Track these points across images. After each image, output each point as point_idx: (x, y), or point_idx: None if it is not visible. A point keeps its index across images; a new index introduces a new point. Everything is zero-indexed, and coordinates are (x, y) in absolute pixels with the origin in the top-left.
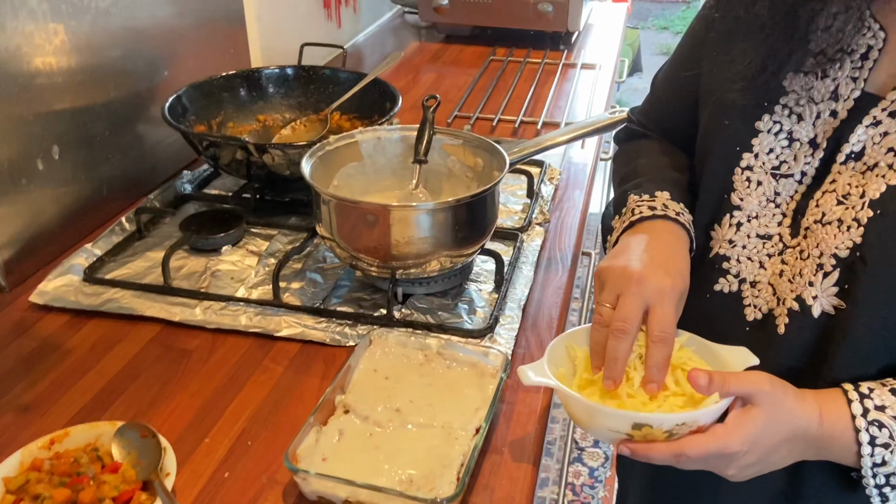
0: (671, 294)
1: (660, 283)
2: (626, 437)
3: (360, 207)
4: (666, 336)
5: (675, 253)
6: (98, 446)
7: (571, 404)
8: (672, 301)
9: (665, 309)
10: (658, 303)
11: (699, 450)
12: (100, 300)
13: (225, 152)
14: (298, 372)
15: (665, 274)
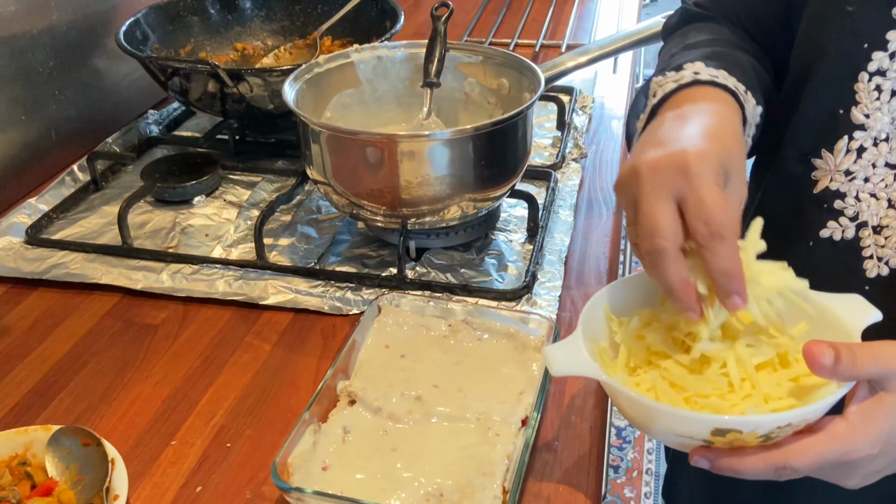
0: (703, 164)
1: (679, 159)
2: (703, 444)
3: (360, 140)
4: (715, 227)
5: (708, 115)
6: (28, 458)
7: (623, 401)
8: (708, 174)
9: (700, 191)
10: (687, 186)
11: (811, 458)
12: (44, 266)
13: (194, 83)
14: (290, 350)
15: (689, 142)
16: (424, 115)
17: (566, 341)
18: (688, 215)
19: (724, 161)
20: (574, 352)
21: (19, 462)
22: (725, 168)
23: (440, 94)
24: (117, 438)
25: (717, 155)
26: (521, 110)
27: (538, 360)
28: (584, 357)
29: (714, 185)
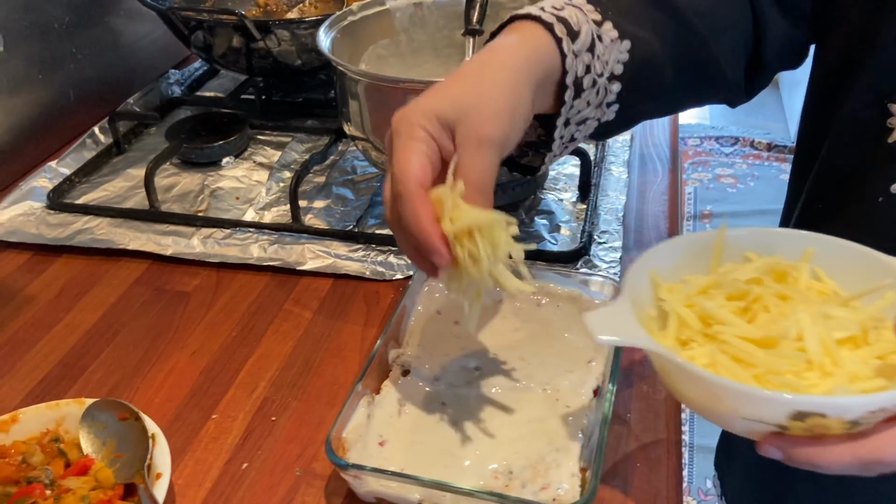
0: (402, 123)
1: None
2: (777, 431)
3: (402, 89)
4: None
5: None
6: (60, 434)
7: (679, 377)
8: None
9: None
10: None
11: None
12: (69, 232)
13: (218, 38)
14: (332, 317)
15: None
16: None
17: (610, 306)
18: None
19: (439, 111)
20: (619, 318)
21: (51, 439)
22: (441, 116)
23: (480, 44)
24: (154, 412)
25: (427, 107)
26: None
27: None
28: (631, 323)
29: (405, 140)
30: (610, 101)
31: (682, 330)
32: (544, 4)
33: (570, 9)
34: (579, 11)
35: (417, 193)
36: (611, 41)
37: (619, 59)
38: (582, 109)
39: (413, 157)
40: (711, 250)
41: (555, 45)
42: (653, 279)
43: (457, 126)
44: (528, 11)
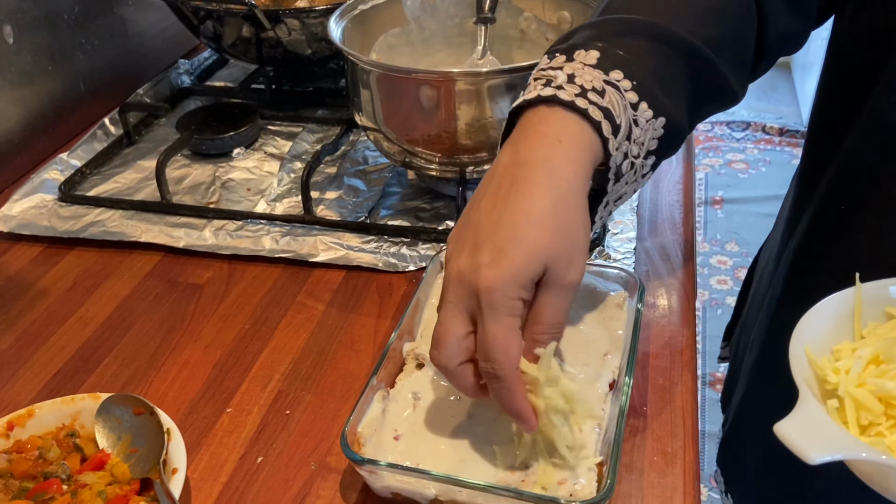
0: (496, 295)
1: (475, 283)
2: None
3: (414, 79)
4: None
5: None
6: (76, 429)
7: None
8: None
9: (486, 324)
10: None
11: None
12: (81, 224)
13: (228, 27)
14: (345, 309)
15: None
16: (479, 53)
17: (801, 412)
18: (478, 343)
19: (530, 274)
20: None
21: (67, 433)
22: (534, 277)
23: (492, 32)
24: (169, 406)
25: (518, 275)
26: None
27: (620, 319)
28: (837, 430)
29: (504, 317)
30: (645, 173)
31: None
32: (582, 81)
33: (610, 92)
34: (617, 94)
35: (517, 378)
36: (646, 121)
37: (654, 136)
38: (620, 189)
39: (514, 339)
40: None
41: (600, 144)
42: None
43: (545, 276)
44: (572, 100)
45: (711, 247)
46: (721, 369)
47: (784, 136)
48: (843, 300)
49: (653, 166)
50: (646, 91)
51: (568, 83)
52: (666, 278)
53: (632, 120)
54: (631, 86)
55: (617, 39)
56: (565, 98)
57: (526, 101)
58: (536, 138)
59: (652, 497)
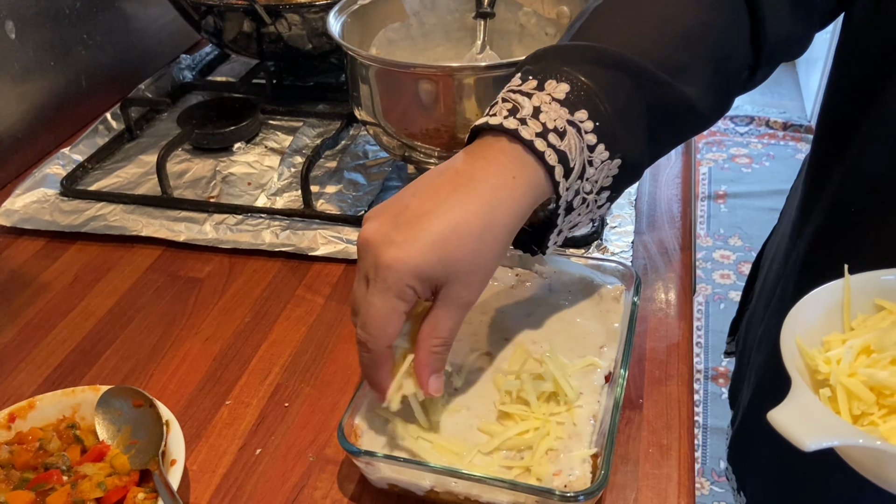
0: (391, 273)
1: (379, 255)
2: None
3: (413, 74)
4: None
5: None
6: (76, 421)
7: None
8: (393, 283)
9: (372, 296)
10: (371, 283)
11: None
12: (82, 219)
13: (229, 23)
14: (344, 302)
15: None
16: (478, 48)
17: (794, 400)
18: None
19: (431, 273)
20: (815, 413)
21: (67, 425)
22: (432, 278)
23: (491, 27)
24: (168, 398)
25: (420, 267)
26: None
27: (617, 312)
28: (831, 417)
29: (392, 297)
30: (600, 205)
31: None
32: (545, 119)
33: (571, 134)
34: (577, 136)
35: (385, 355)
36: (601, 162)
37: (609, 174)
38: (574, 220)
39: (393, 321)
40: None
41: (551, 185)
42: (801, 349)
43: (443, 287)
44: (532, 140)
45: (714, 241)
46: (724, 363)
47: (788, 130)
48: (834, 291)
49: (609, 198)
50: (606, 133)
51: (532, 118)
52: (663, 272)
53: (587, 161)
54: (592, 127)
55: (587, 69)
56: (525, 137)
57: (488, 125)
58: (493, 165)
59: (646, 488)
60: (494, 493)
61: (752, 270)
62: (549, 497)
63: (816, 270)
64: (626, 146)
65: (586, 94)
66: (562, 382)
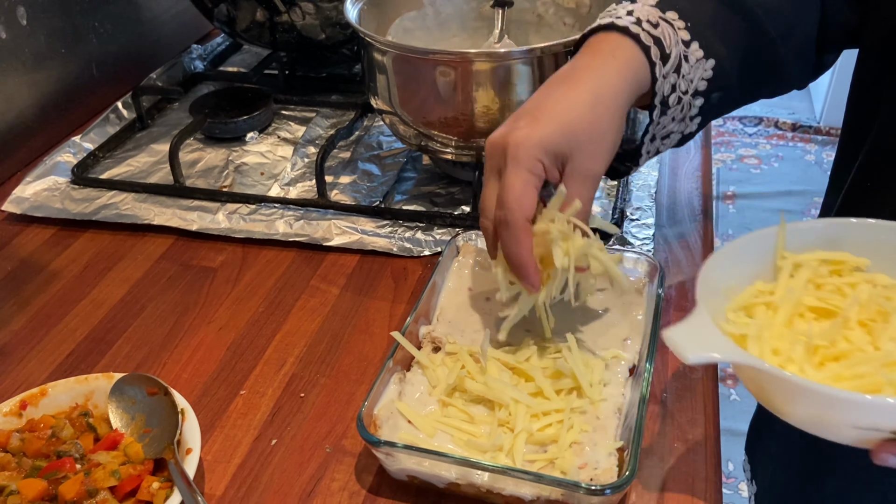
0: (519, 150)
1: (503, 142)
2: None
3: (431, 61)
4: (501, 213)
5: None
6: (89, 409)
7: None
8: (522, 159)
9: (506, 177)
10: (503, 169)
11: None
12: (93, 207)
13: (242, 11)
14: (360, 293)
15: (528, 121)
16: (496, 37)
17: (689, 321)
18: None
19: (555, 145)
20: (704, 333)
21: (80, 413)
22: (558, 151)
23: (509, 17)
24: (182, 387)
25: (544, 139)
26: None
27: (640, 304)
28: (718, 337)
29: (524, 171)
30: (693, 115)
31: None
32: (639, 14)
33: (664, 25)
34: (670, 29)
35: (525, 227)
36: (696, 60)
37: (703, 77)
38: (667, 125)
39: (528, 192)
40: (773, 247)
41: (648, 68)
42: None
43: (568, 160)
44: (626, 26)
45: (723, 242)
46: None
47: (797, 131)
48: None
49: (700, 111)
50: (698, 32)
51: (626, 15)
52: (685, 265)
53: (682, 55)
54: (685, 26)
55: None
56: (620, 24)
57: (589, 30)
58: (592, 52)
59: (672, 483)
60: (518, 485)
61: None
62: (576, 490)
63: None
64: (719, 51)
65: (678, 3)
66: (581, 380)
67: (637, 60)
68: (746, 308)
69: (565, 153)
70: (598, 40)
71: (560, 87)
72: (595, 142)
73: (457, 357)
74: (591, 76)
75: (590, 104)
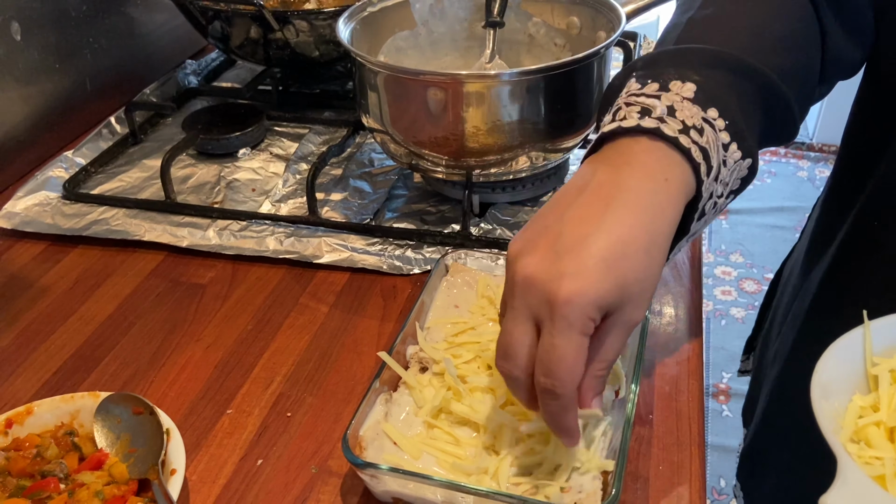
0: (572, 309)
1: (551, 290)
2: None
3: (422, 81)
4: (550, 383)
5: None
6: (74, 428)
7: None
8: (574, 320)
9: (554, 337)
10: (547, 322)
11: None
12: (84, 222)
13: (236, 28)
14: (349, 311)
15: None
16: (487, 57)
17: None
18: (537, 353)
19: (610, 303)
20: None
21: (66, 432)
22: (610, 307)
23: (500, 36)
24: (169, 406)
25: (600, 297)
26: (600, 47)
27: None
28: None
29: (577, 335)
30: (720, 209)
31: None
32: (683, 116)
33: (707, 131)
34: (713, 134)
35: (575, 398)
36: (734, 162)
37: (739, 176)
38: (699, 229)
39: (581, 359)
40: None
41: (695, 184)
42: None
43: (616, 311)
44: (676, 137)
45: (716, 257)
46: (725, 380)
47: (790, 148)
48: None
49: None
50: (737, 132)
51: (669, 116)
52: (673, 286)
53: (721, 161)
54: (724, 125)
55: (708, 72)
56: (669, 133)
57: (622, 128)
58: (642, 169)
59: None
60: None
61: (770, 289)
62: None
63: (836, 289)
64: (752, 147)
65: (713, 95)
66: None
67: (688, 182)
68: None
69: (616, 305)
70: (642, 148)
71: (608, 213)
72: (646, 291)
73: (443, 378)
74: (645, 207)
75: (644, 247)
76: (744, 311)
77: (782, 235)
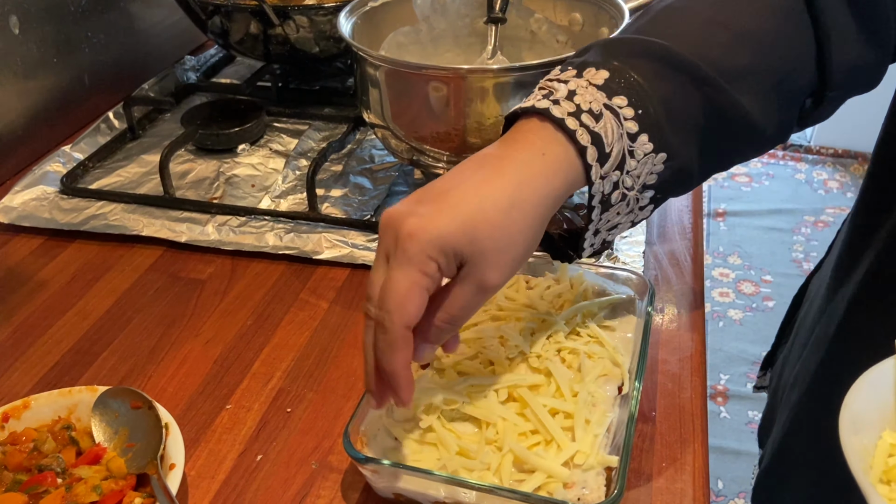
0: (413, 244)
1: (400, 227)
2: None
3: (424, 76)
4: (381, 312)
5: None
6: (72, 422)
7: None
8: (414, 255)
9: (393, 269)
10: (391, 259)
11: None
12: (82, 217)
13: (236, 23)
14: (349, 307)
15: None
16: (489, 53)
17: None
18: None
19: (453, 245)
20: None
21: (63, 426)
22: (456, 251)
23: (502, 33)
24: (167, 401)
25: (442, 236)
26: None
27: (629, 322)
28: None
29: (414, 271)
30: (643, 205)
31: None
32: (581, 100)
33: (607, 117)
34: (615, 121)
35: (403, 337)
36: (644, 154)
37: (652, 171)
38: (612, 219)
39: (413, 295)
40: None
41: (582, 168)
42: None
43: (466, 264)
44: (562, 118)
45: (714, 259)
46: (722, 382)
47: (787, 150)
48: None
49: (653, 200)
50: (650, 124)
51: (566, 99)
52: (675, 283)
53: (627, 150)
54: (633, 115)
55: (631, 61)
56: (556, 115)
57: (521, 109)
58: (523, 143)
59: (661, 503)
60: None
61: (793, 304)
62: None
63: (864, 315)
64: (672, 143)
65: (627, 83)
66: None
67: (570, 161)
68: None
69: (464, 256)
70: (530, 127)
71: (476, 175)
72: (500, 251)
73: (445, 374)
74: (514, 172)
75: (504, 207)
76: (741, 313)
77: (780, 237)
